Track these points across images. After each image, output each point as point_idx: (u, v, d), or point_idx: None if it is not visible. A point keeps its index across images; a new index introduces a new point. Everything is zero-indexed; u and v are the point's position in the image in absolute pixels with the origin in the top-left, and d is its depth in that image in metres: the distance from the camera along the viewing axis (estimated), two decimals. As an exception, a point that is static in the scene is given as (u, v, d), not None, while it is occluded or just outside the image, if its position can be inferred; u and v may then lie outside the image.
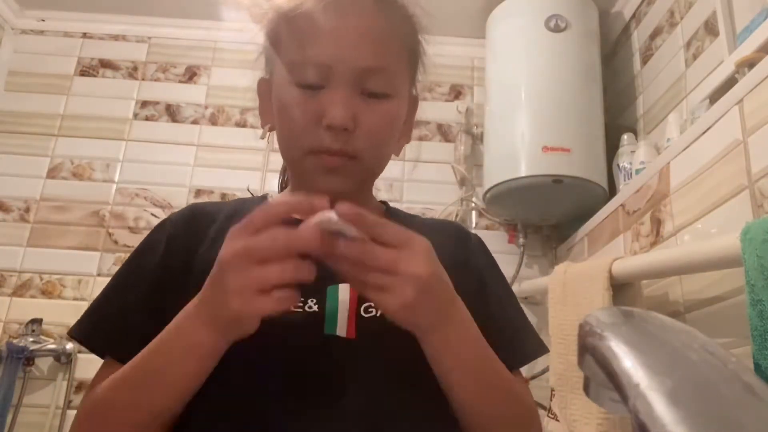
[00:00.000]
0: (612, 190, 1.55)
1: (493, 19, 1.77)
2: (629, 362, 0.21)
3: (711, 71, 1.25)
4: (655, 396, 0.19)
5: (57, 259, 1.76)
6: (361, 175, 0.63)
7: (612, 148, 1.60)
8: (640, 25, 1.69)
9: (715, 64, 1.24)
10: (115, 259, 1.77)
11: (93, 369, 0.59)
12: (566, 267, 1.30)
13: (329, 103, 0.58)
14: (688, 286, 1.04)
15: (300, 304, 0.56)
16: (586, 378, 0.28)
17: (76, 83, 1.97)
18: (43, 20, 2.02)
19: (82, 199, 1.83)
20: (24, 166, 1.86)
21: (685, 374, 0.20)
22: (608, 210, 1.42)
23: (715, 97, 1.14)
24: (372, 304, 0.57)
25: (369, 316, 0.57)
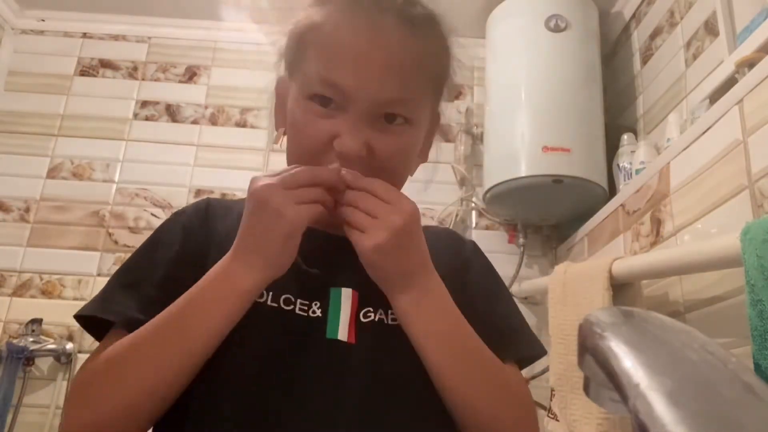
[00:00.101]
0: (612, 190, 1.55)
1: (493, 19, 1.77)
2: (629, 362, 0.21)
3: (711, 71, 1.25)
4: (655, 396, 0.19)
5: (57, 259, 1.76)
6: None
7: (612, 148, 1.60)
8: (640, 25, 1.69)
9: (715, 64, 1.24)
10: (115, 259, 1.77)
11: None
12: (566, 267, 1.30)
13: (344, 129, 0.56)
14: (688, 286, 1.04)
15: (304, 308, 0.57)
16: (586, 378, 0.28)
17: (76, 83, 1.97)
18: (43, 20, 2.02)
19: (82, 199, 1.83)
20: (24, 166, 1.86)
21: (685, 374, 0.20)
22: (608, 210, 1.42)
23: (715, 97, 1.14)
24: (370, 309, 0.58)
25: (367, 320, 0.58)
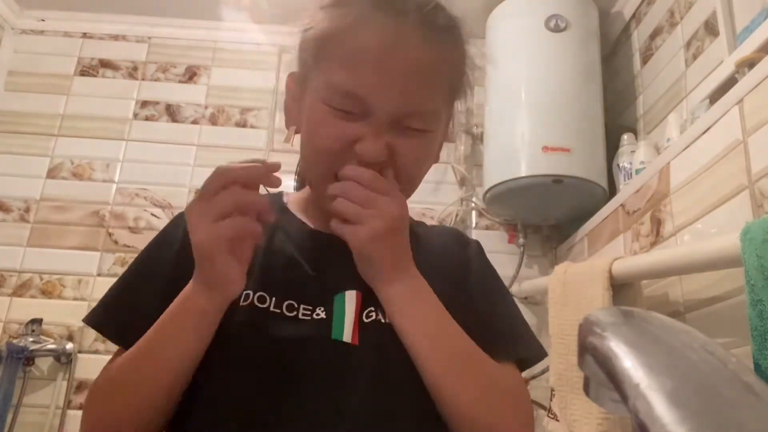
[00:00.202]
0: (612, 190, 1.55)
1: (493, 19, 1.77)
2: (629, 362, 0.21)
3: (711, 71, 1.25)
4: (655, 396, 0.19)
5: (57, 259, 1.76)
6: None
7: (612, 148, 1.60)
8: (640, 25, 1.69)
9: (715, 64, 1.24)
10: (115, 259, 1.77)
11: (93, 369, 0.60)
12: (566, 267, 1.30)
13: (365, 134, 0.56)
14: (688, 286, 1.04)
15: (308, 313, 0.57)
16: (586, 378, 0.28)
17: (76, 83, 1.97)
18: (43, 20, 2.02)
19: (82, 199, 1.83)
20: (24, 166, 1.86)
21: (685, 374, 0.20)
22: (608, 210, 1.42)
23: (715, 97, 1.14)
24: (372, 309, 0.58)
25: (369, 320, 0.58)
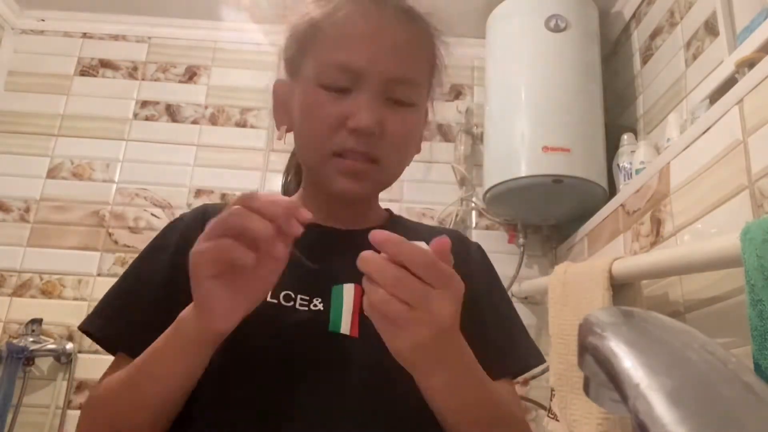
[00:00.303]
0: (612, 190, 1.55)
1: (493, 19, 1.77)
2: (629, 362, 0.21)
3: (711, 71, 1.25)
4: (655, 396, 0.19)
5: (57, 259, 1.76)
6: (380, 180, 0.64)
7: (612, 148, 1.60)
8: (640, 25, 1.69)
9: (715, 64, 1.24)
10: (115, 259, 1.77)
11: (93, 369, 0.59)
12: (566, 267, 1.30)
13: (357, 107, 0.59)
14: (688, 286, 1.04)
15: (305, 303, 0.57)
16: (586, 378, 0.28)
17: (76, 83, 1.97)
18: (43, 20, 2.02)
19: (82, 199, 1.83)
20: (24, 166, 1.86)
21: (685, 374, 0.20)
22: (608, 210, 1.42)
23: (715, 97, 1.14)
24: None
25: None
